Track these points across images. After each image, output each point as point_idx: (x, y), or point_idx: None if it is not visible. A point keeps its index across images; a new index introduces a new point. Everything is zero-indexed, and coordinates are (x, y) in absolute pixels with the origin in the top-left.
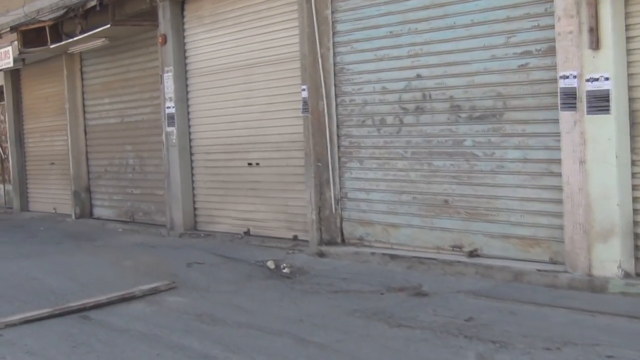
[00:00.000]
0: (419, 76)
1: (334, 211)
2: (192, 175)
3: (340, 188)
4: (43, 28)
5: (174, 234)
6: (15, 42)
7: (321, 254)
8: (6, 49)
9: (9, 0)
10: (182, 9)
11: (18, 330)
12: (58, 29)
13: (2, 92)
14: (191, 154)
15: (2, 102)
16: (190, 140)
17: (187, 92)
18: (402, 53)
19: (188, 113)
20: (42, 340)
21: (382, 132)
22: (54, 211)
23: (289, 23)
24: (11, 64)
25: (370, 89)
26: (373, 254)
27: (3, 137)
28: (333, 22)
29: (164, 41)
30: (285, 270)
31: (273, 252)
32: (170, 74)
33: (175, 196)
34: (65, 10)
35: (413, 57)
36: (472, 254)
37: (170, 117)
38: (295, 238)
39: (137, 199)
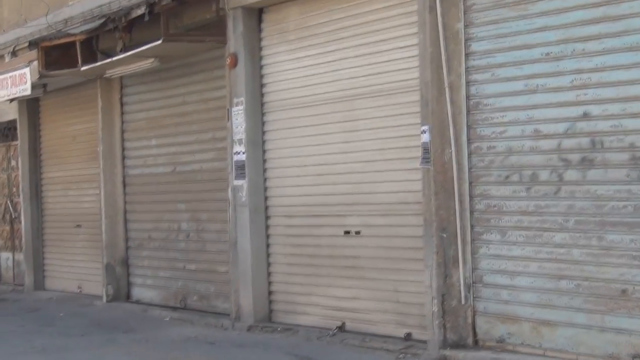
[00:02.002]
0: (586, 115)
1: (463, 301)
2: (268, 246)
3: (473, 269)
4: (72, 44)
5: (241, 326)
6: (35, 62)
7: None
8: (22, 71)
9: (29, 6)
10: (259, 20)
11: None
12: (92, 45)
13: (16, 129)
14: (267, 217)
15: (15, 142)
16: (265, 198)
17: (264, 133)
18: (563, 83)
19: (264, 161)
20: None
21: (533, 192)
22: (78, 291)
23: (405, 40)
24: (28, 92)
25: (518, 132)
26: None
27: (14, 189)
28: (467, 40)
29: (234, 63)
30: None
31: (377, 356)
32: (241, 107)
33: (244, 274)
34: (102, 20)
35: (579, 88)
36: None
37: (240, 167)
38: (408, 337)
39: (192, 277)
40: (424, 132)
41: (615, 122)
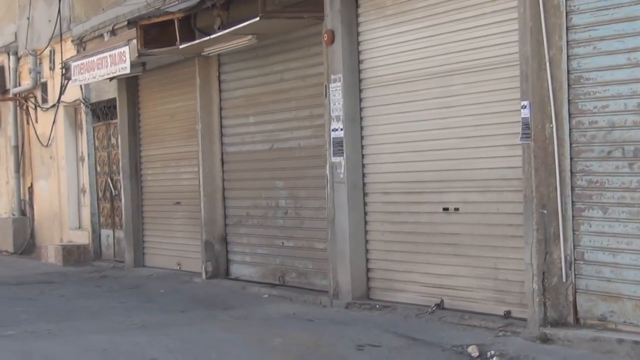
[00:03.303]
0: None
1: (564, 279)
2: (366, 223)
3: (574, 246)
4: (171, 22)
5: (339, 303)
6: (134, 41)
7: (545, 339)
8: (122, 49)
9: None
10: None
11: None
12: (190, 23)
13: (115, 107)
14: (364, 194)
15: (115, 121)
16: (363, 175)
17: (361, 110)
18: None
19: (362, 138)
20: None
21: (636, 167)
22: (177, 268)
23: (503, 14)
24: (128, 70)
25: (621, 107)
26: (620, 341)
27: (114, 166)
28: (567, 13)
29: (331, 39)
30: None
31: (476, 334)
32: (338, 84)
33: (342, 252)
34: None
35: None
36: None
37: (338, 144)
38: (507, 314)
39: (290, 253)
40: (524, 107)
41: None
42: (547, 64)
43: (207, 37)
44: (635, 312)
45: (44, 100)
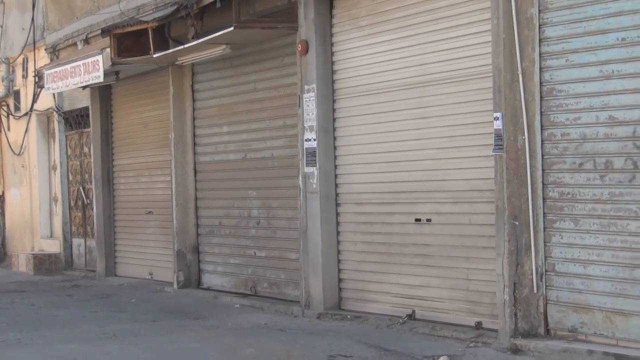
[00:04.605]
0: None
1: (535, 290)
2: (338, 233)
3: (545, 257)
4: (144, 31)
5: (311, 313)
6: (108, 50)
7: (515, 350)
8: (95, 58)
9: None
10: (331, 7)
11: None
12: (164, 32)
13: (88, 116)
14: (337, 205)
15: (87, 130)
16: (336, 185)
17: (334, 120)
18: (639, 69)
19: (335, 148)
20: None
21: (607, 179)
22: (149, 277)
23: (477, 26)
24: (101, 79)
25: (592, 119)
26: (591, 352)
27: (87, 175)
28: (540, 25)
29: (305, 50)
30: None
31: (447, 344)
32: (312, 94)
33: (314, 262)
34: (174, 7)
35: None
36: None
37: (311, 154)
38: (478, 325)
39: (262, 264)
40: (496, 119)
41: None
42: (520, 76)
43: (181, 47)
44: (605, 324)
45: (17, 109)
